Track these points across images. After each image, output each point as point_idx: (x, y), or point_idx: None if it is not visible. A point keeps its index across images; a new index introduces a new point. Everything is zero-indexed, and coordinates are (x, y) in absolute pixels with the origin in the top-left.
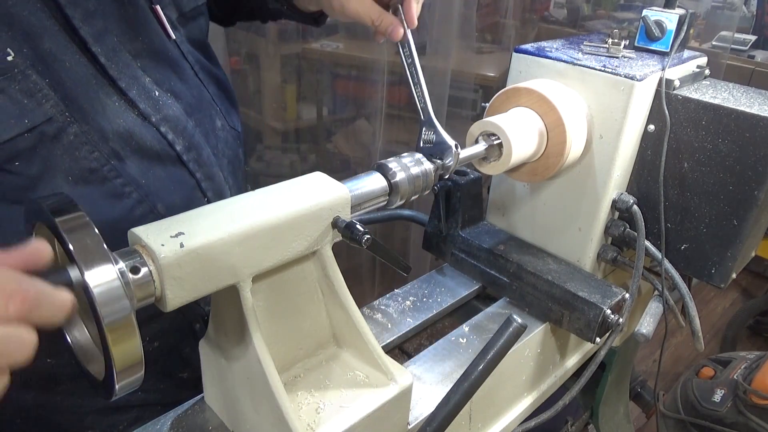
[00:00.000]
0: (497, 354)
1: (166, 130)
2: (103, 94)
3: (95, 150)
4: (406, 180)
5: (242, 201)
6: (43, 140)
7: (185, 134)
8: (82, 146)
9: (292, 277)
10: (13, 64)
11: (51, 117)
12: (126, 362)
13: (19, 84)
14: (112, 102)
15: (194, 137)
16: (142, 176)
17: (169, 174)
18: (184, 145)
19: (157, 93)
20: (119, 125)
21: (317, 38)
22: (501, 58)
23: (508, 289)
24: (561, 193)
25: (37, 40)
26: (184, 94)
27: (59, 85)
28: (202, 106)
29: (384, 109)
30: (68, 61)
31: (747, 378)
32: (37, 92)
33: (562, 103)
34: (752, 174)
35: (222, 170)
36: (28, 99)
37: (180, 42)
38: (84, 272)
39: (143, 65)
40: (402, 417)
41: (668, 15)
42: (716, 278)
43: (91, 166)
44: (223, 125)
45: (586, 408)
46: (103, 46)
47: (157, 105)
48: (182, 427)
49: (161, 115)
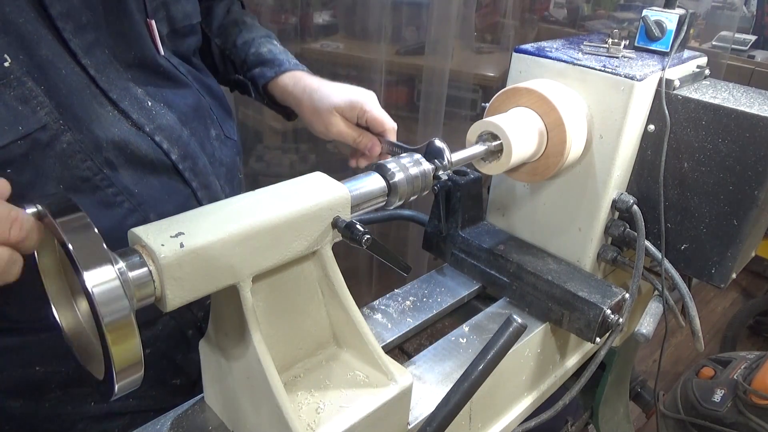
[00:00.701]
0: (497, 354)
1: (161, 139)
2: (97, 103)
3: (88, 158)
4: (405, 180)
5: (242, 201)
6: (35, 147)
7: (180, 143)
8: (74, 154)
9: (292, 277)
10: (9, 70)
11: (45, 124)
12: (126, 362)
13: (14, 90)
14: (106, 111)
15: (189, 146)
16: (135, 185)
17: (163, 183)
18: (179, 154)
19: (149, 103)
20: (113, 134)
21: (317, 38)
22: (501, 58)
23: (508, 289)
24: (561, 193)
25: (34, 47)
26: (178, 103)
27: (54, 92)
28: (197, 116)
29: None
30: (64, 69)
31: (747, 378)
32: (32, 99)
33: (562, 103)
34: (752, 174)
35: (218, 179)
36: (23, 106)
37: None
38: (84, 272)
39: (134, 77)
40: (402, 417)
41: (668, 15)
42: (716, 278)
43: (83, 174)
44: (218, 134)
45: (586, 408)
46: (93, 59)
47: (150, 115)
48: (182, 428)
49: (155, 124)
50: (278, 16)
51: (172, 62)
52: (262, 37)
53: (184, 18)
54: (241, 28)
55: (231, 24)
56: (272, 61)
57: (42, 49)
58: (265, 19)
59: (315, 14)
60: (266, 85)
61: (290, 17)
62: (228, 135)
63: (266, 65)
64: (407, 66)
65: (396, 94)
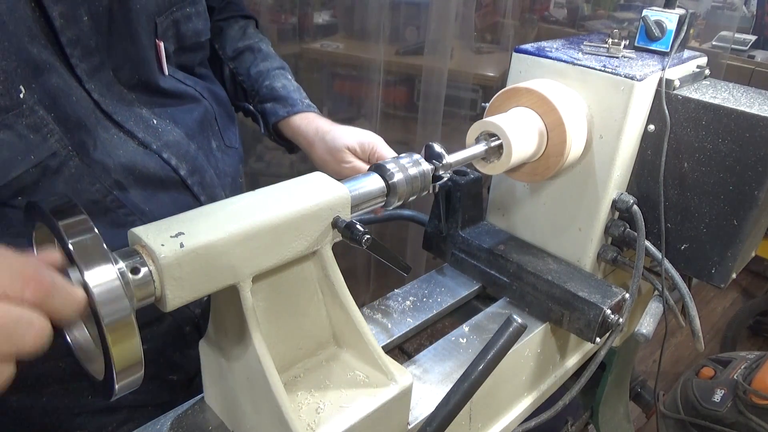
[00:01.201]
0: (497, 354)
1: (169, 155)
2: (101, 128)
3: (96, 182)
4: (404, 181)
5: (242, 201)
6: (46, 174)
7: (188, 158)
8: (82, 178)
9: (292, 277)
10: (23, 100)
11: (55, 151)
12: (126, 362)
13: (26, 119)
14: (111, 135)
15: (197, 160)
16: (145, 203)
17: (172, 199)
18: (187, 169)
19: (155, 121)
20: (120, 156)
21: (316, 38)
22: (501, 58)
23: (508, 289)
24: (561, 193)
25: (46, 76)
26: (184, 119)
27: (64, 119)
28: (201, 129)
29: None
30: (73, 95)
31: (747, 378)
32: (44, 127)
33: (562, 103)
34: (752, 174)
35: (224, 190)
36: (34, 134)
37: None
38: (84, 272)
39: (138, 97)
40: (402, 417)
41: (668, 15)
42: (716, 278)
43: (93, 197)
44: (218, 145)
45: (586, 408)
46: (98, 83)
47: (156, 133)
48: (182, 427)
49: (162, 141)
50: (278, 16)
51: (177, 77)
52: (276, 68)
53: (194, 35)
54: (256, 56)
55: (246, 49)
56: (286, 99)
57: (53, 77)
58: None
59: (315, 14)
60: (277, 122)
61: (290, 17)
62: (229, 144)
63: (279, 102)
64: (407, 66)
65: (395, 94)
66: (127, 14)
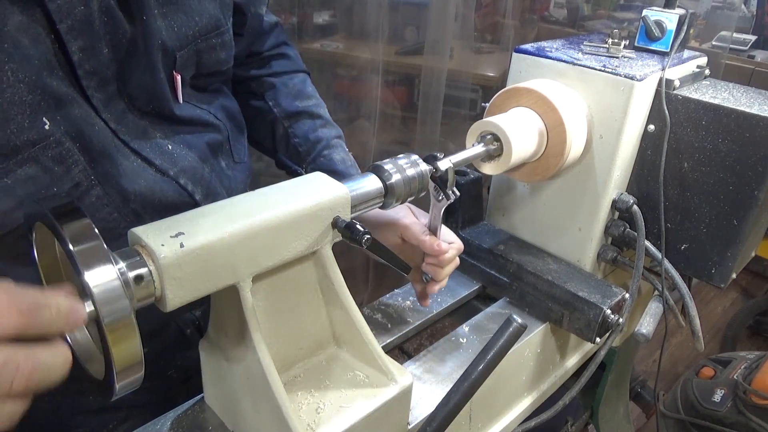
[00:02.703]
0: (497, 354)
1: (185, 181)
2: (121, 155)
3: (115, 211)
4: (402, 182)
5: (242, 201)
6: None
7: (203, 182)
8: (102, 208)
9: (292, 277)
10: (49, 132)
11: (78, 182)
12: (126, 362)
13: (52, 151)
14: (130, 162)
15: (211, 183)
16: None
17: None
18: (202, 193)
19: (170, 147)
20: (140, 185)
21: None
22: (501, 58)
23: (508, 289)
24: (561, 193)
25: (68, 108)
26: (197, 142)
27: (88, 149)
28: (214, 150)
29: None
30: (96, 125)
31: (747, 378)
32: (69, 158)
33: (562, 103)
34: (752, 174)
35: None
36: (59, 166)
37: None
38: (84, 272)
39: (153, 122)
40: (402, 417)
41: (668, 15)
42: (716, 278)
43: (109, 225)
44: (227, 164)
45: (586, 408)
46: (113, 112)
47: (172, 158)
48: (182, 427)
49: (178, 167)
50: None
51: (192, 102)
52: (334, 137)
53: (215, 65)
54: (315, 121)
55: (304, 114)
56: (342, 174)
57: (74, 108)
58: None
59: (314, 14)
60: None
61: (290, 17)
62: (238, 159)
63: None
64: (406, 66)
65: (395, 94)
66: (149, 48)
